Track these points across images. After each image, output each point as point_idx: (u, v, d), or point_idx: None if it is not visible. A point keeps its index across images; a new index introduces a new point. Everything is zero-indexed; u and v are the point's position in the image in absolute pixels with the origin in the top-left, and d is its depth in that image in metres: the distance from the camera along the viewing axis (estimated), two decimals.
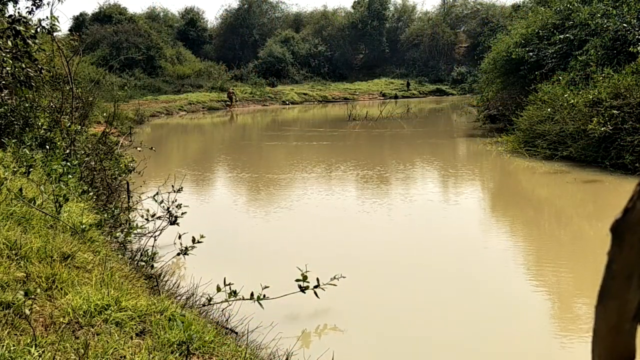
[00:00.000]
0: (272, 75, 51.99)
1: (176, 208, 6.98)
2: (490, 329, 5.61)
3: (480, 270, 7.26)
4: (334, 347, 4.84)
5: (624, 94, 12.99)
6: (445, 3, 63.78)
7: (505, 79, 21.64)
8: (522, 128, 16.25)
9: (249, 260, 7.76)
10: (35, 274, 3.80)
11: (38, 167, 6.71)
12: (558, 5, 19.75)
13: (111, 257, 4.81)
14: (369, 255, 7.88)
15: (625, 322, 0.91)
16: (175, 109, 38.89)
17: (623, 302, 0.90)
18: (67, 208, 5.51)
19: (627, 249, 0.88)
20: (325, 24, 61.87)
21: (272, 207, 11.00)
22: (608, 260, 0.91)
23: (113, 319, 3.45)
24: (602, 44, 16.06)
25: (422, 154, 18.58)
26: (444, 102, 45.49)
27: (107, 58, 41.68)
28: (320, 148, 20.08)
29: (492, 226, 9.69)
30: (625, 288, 0.89)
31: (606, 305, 0.92)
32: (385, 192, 12.20)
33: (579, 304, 6.19)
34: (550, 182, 12.71)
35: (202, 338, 3.50)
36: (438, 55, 58.16)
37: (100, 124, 16.60)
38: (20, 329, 3.10)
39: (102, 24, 50.09)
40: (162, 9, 64.91)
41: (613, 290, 0.91)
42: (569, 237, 8.84)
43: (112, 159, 9.36)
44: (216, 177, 15.58)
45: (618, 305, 0.91)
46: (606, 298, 0.92)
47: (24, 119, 8.19)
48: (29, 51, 7.58)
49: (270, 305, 5.16)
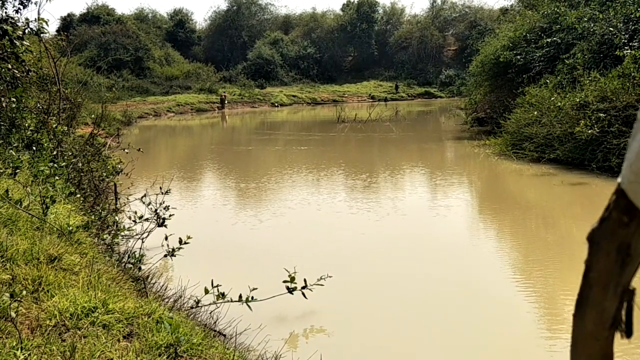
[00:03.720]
0: (261, 77, 51.97)
1: (164, 210, 6.95)
2: (477, 330, 5.62)
3: (468, 273, 7.28)
4: (321, 350, 4.84)
5: (610, 97, 13.10)
6: (434, 6, 64.07)
7: (493, 82, 21.77)
8: (509, 131, 16.34)
9: (237, 262, 7.74)
10: (21, 276, 3.77)
11: (24, 169, 6.65)
12: (545, 9, 19.90)
13: (98, 259, 4.78)
14: (356, 258, 7.89)
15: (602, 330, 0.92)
16: (164, 111, 38.77)
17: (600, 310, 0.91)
18: (54, 210, 5.47)
19: (604, 257, 0.89)
20: (315, 26, 61.97)
21: (260, 210, 10.99)
22: (585, 269, 0.92)
23: (100, 322, 3.42)
24: (589, 48, 16.19)
25: (410, 156, 18.64)
26: (433, 104, 45.68)
27: (95, 59, 41.49)
28: (310, 151, 20.08)
29: (479, 229, 9.73)
30: (602, 296, 0.90)
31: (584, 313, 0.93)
32: (373, 195, 12.21)
33: (566, 305, 6.23)
34: (538, 185, 12.78)
35: (190, 340, 3.48)
36: (426, 58, 58.40)
37: (87, 126, 16.49)
38: (6, 331, 3.07)
39: (90, 24, 49.87)
40: (150, 10, 64.84)
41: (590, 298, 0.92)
42: (556, 239, 8.89)
43: (100, 161, 9.30)
44: (204, 179, 15.54)
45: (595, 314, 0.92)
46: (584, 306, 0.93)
47: (10, 120, 8.11)
48: (16, 52, 7.51)
49: (259, 307, 5.15)
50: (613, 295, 0.90)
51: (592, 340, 0.93)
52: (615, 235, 0.87)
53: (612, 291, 0.89)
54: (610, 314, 0.90)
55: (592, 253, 0.91)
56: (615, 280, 0.89)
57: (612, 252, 0.88)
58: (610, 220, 0.87)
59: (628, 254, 0.87)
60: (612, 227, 0.87)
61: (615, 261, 0.88)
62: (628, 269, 0.88)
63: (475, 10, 61.07)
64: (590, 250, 0.91)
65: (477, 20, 57.44)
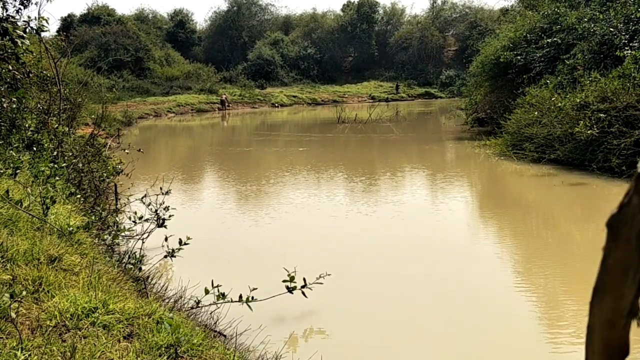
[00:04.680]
0: (262, 78, 51.99)
1: (164, 210, 6.95)
2: (477, 331, 5.62)
3: (468, 273, 7.28)
4: (321, 350, 4.84)
5: (610, 97, 13.10)
6: (434, 7, 64.10)
7: (493, 83, 21.77)
8: (510, 131, 16.34)
9: (237, 263, 7.75)
10: (21, 276, 3.77)
11: (25, 169, 6.65)
12: (546, 9, 19.89)
13: (99, 259, 4.78)
14: (356, 258, 7.89)
15: (619, 318, 0.91)
16: (164, 111, 38.79)
17: (618, 298, 0.90)
18: (54, 210, 5.47)
19: (623, 244, 0.88)
20: (315, 26, 61.98)
21: (260, 210, 10.99)
22: (603, 256, 0.91)
23: (100, 322, 3.42)
24: (589, 48, 16.19)
25: (410, 157, 18.64)
26: (433, 105, 45.67)
27: (96, 59, 41.54)
28: (310, 151, 20.08)
29: (479, 229, 9.72)
30: (620, 283, 0.90)
31: (601, 300, 0.93)
32: (373, 195, 12.22)
33: (566, 305, 6.23)
34: (538, 185, 12.78)
35: (190, 341, 3.49)
36: (427, 58, 58.43)
37: (88, 126, 16.49)
38: (6, 332, 3.07)
39: (91, 25, 49.89)
40: (151, 11, 64.97)
41: (608, 285, 0.91)
42: (556, 240, 8.89)
43: (100, 161, 9.30)
44: (204, 180, 15.54)
45: (613, 301, 0.91)
46: (601, 293, 0.93)
47: (10, 120, 8.12)
48: (16, 53, 7.51)
49: (259, 308, 5.15)
50: (632, 283, 0.89)
51: (608, 328, 0.93)
52: (636, 221, 0.86)
53: (631, 278, 0.89)
54: (628, 302, 0.90)
55: (611, 239, 0.90)
56: (634, 267, 0.88)
57: (632, 238, 0.87)
58: (631, 205, 0.87)
59: None
60: (632, 212, 0.87)
61: (635, 248, 0.87)
62: None
63: (476, 10, 61.11)
64: (609, 237, 0.90)
65: (478, 20, 57.45)
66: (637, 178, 0.86)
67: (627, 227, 0.87)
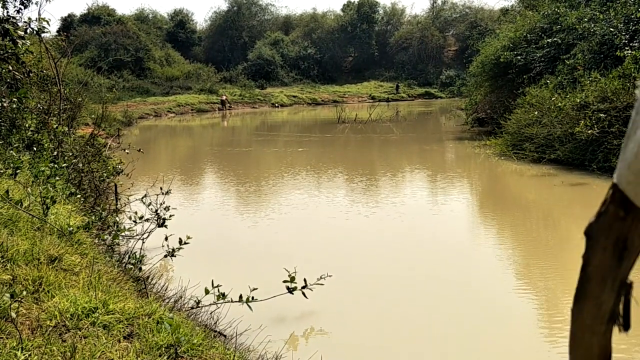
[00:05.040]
0: (262, 78, 52.01)
1: (164, 210, 6.95)
2: (477, 331, 5.62)
3: (468, 273, 7.28)
4: (322, 350, 4.84)
5: (610, 97, 13.10)
6: (434, 7, 64.11)
7: (493, 83, 21.77)
8: (510, 131, 16.34)
9: (237, 263, 7.75)
10: (21, 276, 3.77)
11: (25, 169, 6.65)
12: (546, 9, 19.89)
13: (99, 259, 4.78)
14: (356, 259, 7.89)
15: (600, 324, 0.92)
16: (164, 111, 38.80)
17: (598, 304, 0.91)
18: (54, 210, 5.47)
19: (601, 251, 0.90)
20: (315, 26, 62.00)
21: (260, 210, 10.99)
22: (583, 263, 0.93)
23: (100, 322, 3.42)
24: (589, 48, 16.19)
25: (410, 157, 18.64)
26: (433, 105, 45.68)
27: (96, 59, 41.56)
28: (310, 151, 20.08)
29: (480, 229, 9.72)
30: (600, 290, 0.91)
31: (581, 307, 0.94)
32: (374, 195, 12.21)
33: (566, 305, 6.23)
34: (538, 185, 12.78)
35: (191, 341, 3.49)
36: (427, 58, 58.45)
37: (88, 126, 16.50)
38: (6, 332, 3.07)
39: (91, 25, 49.91)
40: (151, 11, 64.99)
41: (588, 292, 0.92)
42: (556, 240, 8.89)
43: (100, 161, 9.30)
44: (204, 180, 15.54)
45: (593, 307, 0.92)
46: (582, 300, 0.94)
47: (10, 120, 8.12)
48: (17, 53, 7.51)
49: (259, 308, 5.15)
50: (610, 289, 0.90)
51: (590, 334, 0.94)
52: (613, 229, 0.88)
53: (609, 285, 0.90)
54: (608, 308, 0.91)
55: (590, 247, 0.91)
56: (612, 274, 0.89)
57: (609, 246, 0.88)
58: (607, 214, 0.88)
59: (625, 248, 0.87)
60: (609, 221, 0.88)
61: (612, 255, 0.88)
62: (625, 262, 0.88)
63: (476, 10, 61.13)
64: (588, 245, 0.92)
65: (478, 20, 57.46)
66: (612, 187, 0.87)
67: (604, 235, 0.89)
